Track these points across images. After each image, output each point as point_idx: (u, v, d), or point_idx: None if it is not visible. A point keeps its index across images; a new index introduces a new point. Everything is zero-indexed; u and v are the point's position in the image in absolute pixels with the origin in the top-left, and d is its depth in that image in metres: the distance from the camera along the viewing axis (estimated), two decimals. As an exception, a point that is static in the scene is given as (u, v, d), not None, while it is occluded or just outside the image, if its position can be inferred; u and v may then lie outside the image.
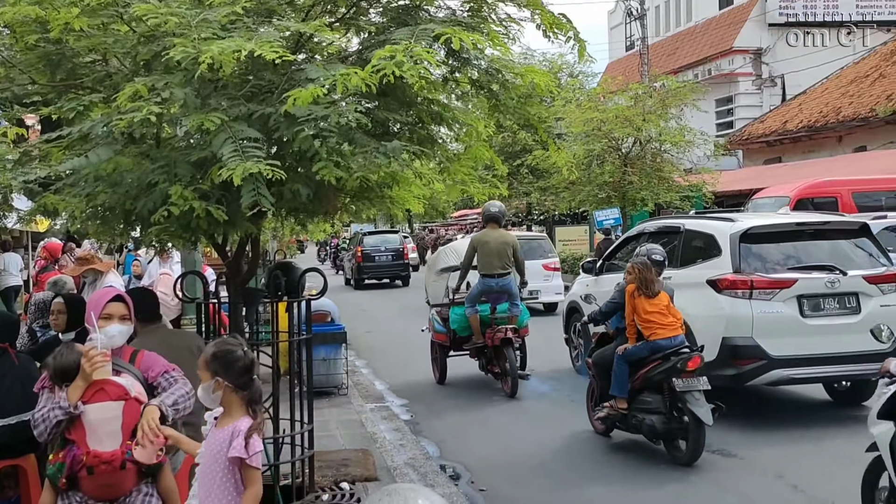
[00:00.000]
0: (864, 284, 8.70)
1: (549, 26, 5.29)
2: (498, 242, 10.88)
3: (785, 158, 31.75)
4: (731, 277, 8.65)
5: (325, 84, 4.39)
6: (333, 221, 6.58)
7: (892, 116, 26.86)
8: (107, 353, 3.86)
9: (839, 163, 25.96)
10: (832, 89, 31.76)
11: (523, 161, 26.36)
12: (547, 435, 8.82)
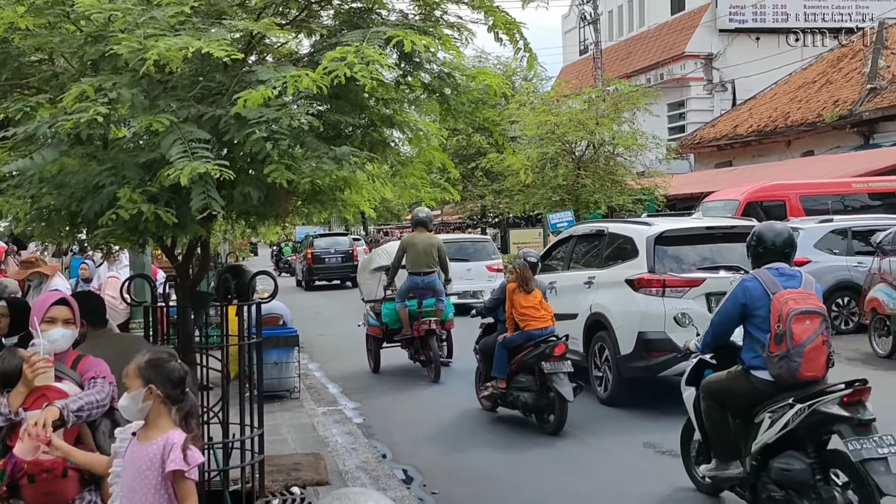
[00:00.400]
0: None
1: (502, 26, 5.29)
2: (425, 244, 12.04)
3: (735, 162, 32.25)
4: (646, 277, 9.38)
5: (276, 86, 4.36)
6: (285, 224, 6.53)
7: (839, 122, 27.42)
8: (49, 358, 3.79)
9: (788, 167, 26.44)
10: (781, 95, 32.33)
11: (478, 164, 26.45)
12: (502, 440, 8.85)
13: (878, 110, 26.34)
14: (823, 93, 29.79)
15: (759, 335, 5.73)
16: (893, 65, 28.69)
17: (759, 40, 37.70)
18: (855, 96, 27.65)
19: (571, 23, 46.74)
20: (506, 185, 25.65)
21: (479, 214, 35.49)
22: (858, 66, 29.71)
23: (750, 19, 37.60)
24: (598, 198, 23.05)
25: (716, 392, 6.07)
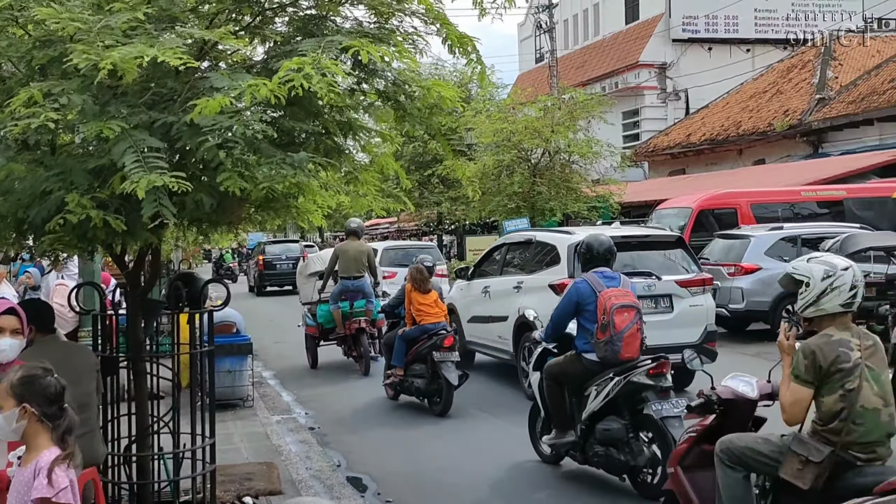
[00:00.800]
0: (676, 288, 10.37)
1: (455, 41, 5.31)
2: (355, 251, 13.16)
3: (689, 170, 32.67)
4: (566, 281, 9.88)
5: (234, 94, 4.33)
6: (237, 231, 6.48)
7: (789, 131, 27.93)
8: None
9: (740, 175, 26.86)
10: (733, 104, 32.83)
11: (434, 171, 26.46)
12: (457, 447, 8.85)
13: (827, 120, 26.87)
14: (774, 103, 30.31)
15: (588, 325, 7.02)
16: (841, 76, 29.28)
17: (712, 50, 38.26)
18: (804, 106, 28.17)
19: (527, 31, 47.03)
20: (462, 193, 25.69)
21: (435, 221, 35.50)
22: (808, 76, 30.28)
23: (702, 30, 38.14)
24: (554, 205, 23.16)
25: (555, 374, 7.28)
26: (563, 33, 44.21)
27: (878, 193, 18.00)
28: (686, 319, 10.31)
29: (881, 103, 25.07)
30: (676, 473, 5.13)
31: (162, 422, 5.95)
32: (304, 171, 4.70)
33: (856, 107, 26.01)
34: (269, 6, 5.32)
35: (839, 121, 26.56)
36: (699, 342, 10.04)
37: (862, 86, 26.89)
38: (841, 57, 30.65)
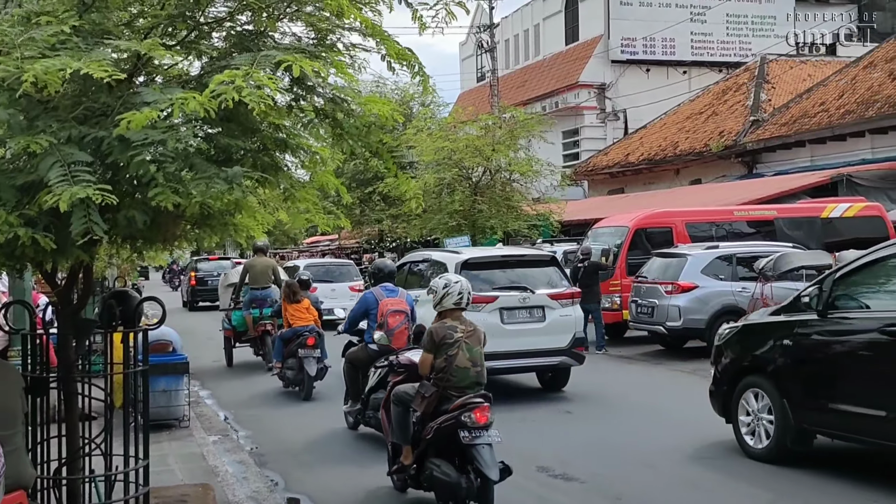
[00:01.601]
0: (548, 300, 11.63)
1: (394, 56, 5.31)
2: (263, 266, 15.63)
3: (628, 189, 33.13)
4: None
5: (162, 108, 4.27)
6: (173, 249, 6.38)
7: (724, 152, 28.51)
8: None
9: (677, 194, 27.30)
10: (670, 125, 33.41)
11: (375, 188, 26.42)
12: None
13: (761, 141, 27.50)
14: (710, 124, 30.92)
15: (372, 324, 9.48)
16: (774, 98, 30.01)
17: (650, 72, 38.98)
18: (739, 128, 28.80)
19: (469, 50, 47.40)
20: (403, 210, 25.69)
21: (376, 238, 35.42)
22: (742, 98, 30.98)
23: (640, 51, 38.84)
24: (495, 223, 23.29)
25: (351, 359, 9.90)
26: (505, 53, 44.65)
27: (807, 213, 18.44)
28: (557, 328, 11.58)
29: (812, 126, 25.74)
30: (382, 412, 7.65)
31: (93, 443, 5.81)
32: (239, 187, 4.64)
33: (788, 129, 26.66)
34: (205, 21, 5.27)
35: (772, 142, 27.20)
36: (568, 348, 11.62)
37: (794, 108, 27.59)
38: (773, 80, 31.42)
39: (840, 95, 26.16)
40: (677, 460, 8.43)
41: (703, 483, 7.74)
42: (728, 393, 8.52)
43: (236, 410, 11.93)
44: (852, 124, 24.38)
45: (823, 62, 33.89)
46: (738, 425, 8.39)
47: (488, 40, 36.02)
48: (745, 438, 8.29)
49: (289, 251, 49.17)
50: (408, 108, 30.96)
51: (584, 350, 12.25)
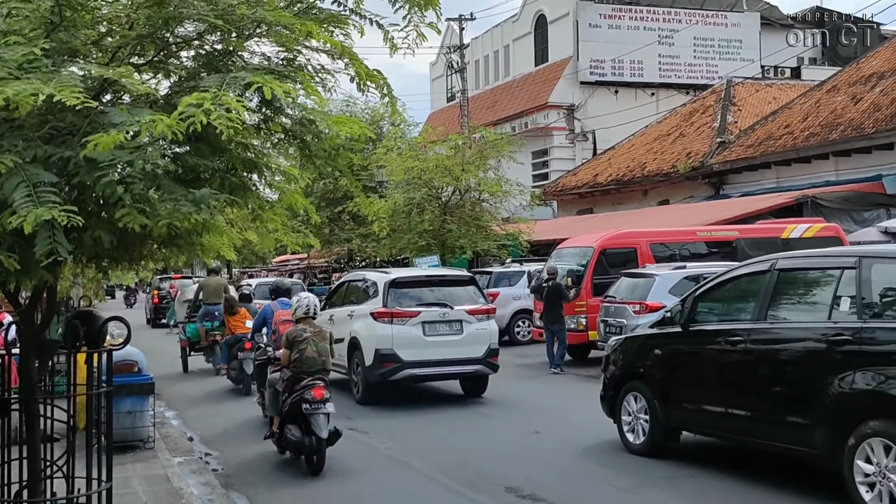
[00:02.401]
0: (466, 315, 13.07)
1: (363, 77, 5.33)
2: (215, 284, 17.85)
3: (596, 209, 33.33)
4: (381, 310, 12.92)
5: (129, 130, 4.25)
6: (138, 268, 6.33)
7: (692, 173, 28.78)
8: None
9: (644, 215, 27.50)
10: (638, 146, 33.70)
11: (345, 207, 26.37)
12: (354, 483, 8.76)
13: (727, 163, 27.81)
14: (677, 145, 31.23)
15: (268, 330, 11.47)
16: (740, 120, 30.39)
17: (618, 93, 39.36)
18: (706, 149, 29.11)
19: (439, 70, 47.60)
20: (372, 230, 25.65)
21: (346, 258, 35.34)
22: (709, 120, 31.33)
23: (609, 73, 39.22)
24: (464, 243, 23.34)
25: (258, 358, 11.89)
26: (475, 73, 44.89)
27: (768, 234, 18.64)
28: (473, 339, 13.05)
29: (777, 148, 26.09)
30: (261, 393, 11.06)
31: (55, 466, 5.73)
32: (207, 208, 4.63)
33: (754, 150, 27.00)
34: (174, 41, 5.26)
35: (739, 164, 27.52)
36: (483, 357, 13.06)
37: (759, 130, 27.95)
38: (740, 102, 31.83)
39: (804, 118, 26.55)
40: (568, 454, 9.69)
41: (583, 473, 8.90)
42: (614, 397, 9.68)
43: (203, 431, 11.81)
44: (816, 147, 24.74)
45: (788, 85, 34.39)
46: (620, 424, 9.56)
47: (458, 61, 36.22)
48: (626, 436, 9.45)
49: (257, 270, 48.89)
50: (378, 127, 30.99)
51: (497, 359, 13.49)
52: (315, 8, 5.32)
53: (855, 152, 23.85)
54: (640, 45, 38.31)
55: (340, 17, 5.24)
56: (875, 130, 23.02)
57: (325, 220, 28.64)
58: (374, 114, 32.13)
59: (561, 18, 39.97)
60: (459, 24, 36.29)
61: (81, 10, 4.82)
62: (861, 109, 24.39)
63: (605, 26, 39.27)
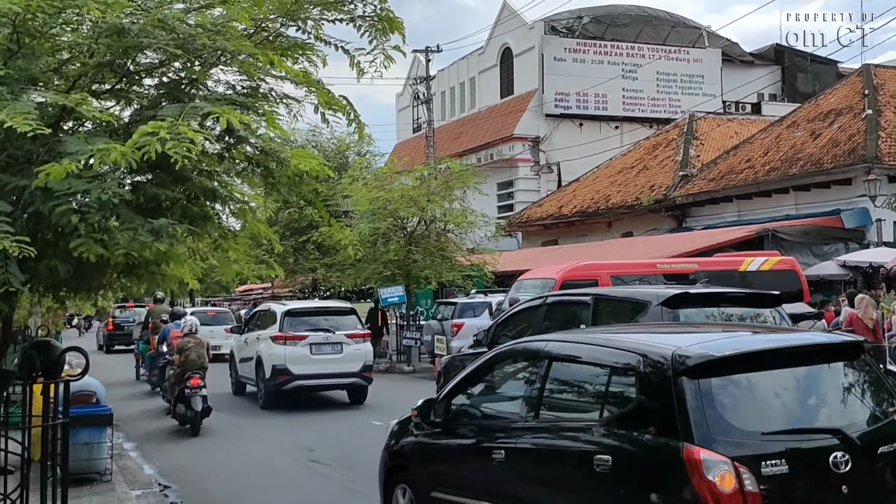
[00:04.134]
0: (345, 338, 16.30)
1: (325, 105, 5.34)
2: (160, 310, 20.41)
3: (561, 241, 33.51)
4: (279, 335, 16.08)
5: (82, 158, 4.22)
6: (97, 298, 6.25)
7: (655, 205, 29.08)
8: None
9: (609, 247, 27.68)
10: (602, 178, 34.00)
11: (310, 237, 26.30)
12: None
13: (690, 196, 28.15)
14: (641, 178, 31.56)
15: (169, 343, 15.18)
16: (703, 154, 30.81)
17: (583, 126, 39.76)
18: (669, 182, 29.45)
19: (405, 101, 47.80)
20: (337, 259, 25.59)
21: (310, 287, 35.16)
22: (672, 154, 31.73)
23: (574, 106, 39.63)
24: (429, 273, 23.31)
25: (161, 362, 15.87)
26: (441, 105, 45.14)
27: (726, 267, 18.79)
28: (351, 357, 16.17)
29: (738, 181, 26.46)
30: (164, 385, 15.65)
31: (9, 499, 5.60)
32: (166, 238, 4.60)
33: (716, 184, 27.36)
34: (135, 69, 5.24)
35: (701, 197, 27.86)
36: (359, 371, 16.12)
37: (721, 164, 28.35)
38: (702, 136, 32.28)
39: (765, 153, 26.97)
40: None
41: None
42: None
43: (162, 463, 11.62)
44: (777, 181, 25.14)
45: (749, 120, 34.96)
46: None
47: (424, 92, 36.40)
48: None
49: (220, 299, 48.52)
50: (343, 157, 31.01)
51: (371, 374, 16.56)
52: (280, 36, 5.33)
53: (814, 187, 24.26)
54: (604, 78, 38.78)
55: (304, 45, 5.25)
56: (833, 166, 23.46)
57: (289, 250, 28.51)
58: (339, 143, 32.16)
59: (526, 52, 40.39)
60: (426, 56, 36.53)
61: (41, 38, 4.79)
62: (820, 145, 24.85)
63: (570, 60, 39.72)
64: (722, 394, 4.70)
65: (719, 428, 4.52)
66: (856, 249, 22.02)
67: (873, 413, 5.10)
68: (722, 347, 4.97)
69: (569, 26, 41.26)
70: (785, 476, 4.46)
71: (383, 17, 5.15)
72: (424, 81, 36.38)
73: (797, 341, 5.59)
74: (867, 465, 4.71)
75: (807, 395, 5.10)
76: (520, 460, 5.56)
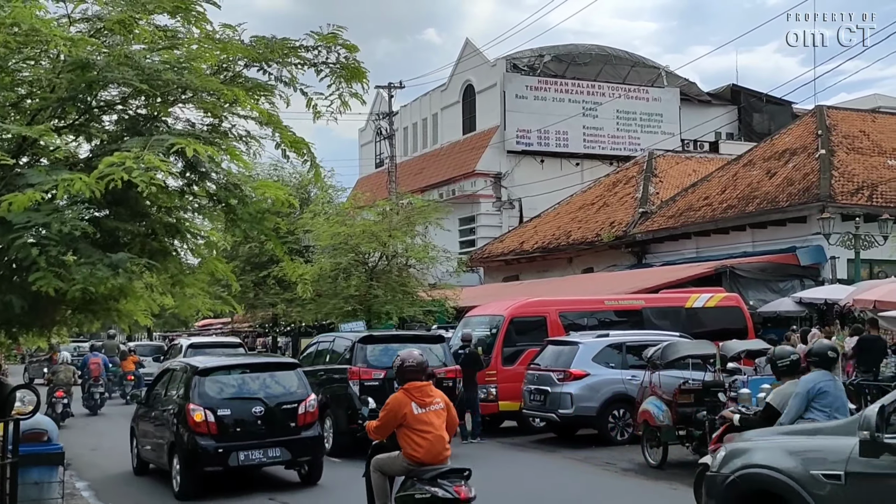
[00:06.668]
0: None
1: (289, 145, 5.35)
2: (111, 345, 26.49)
3: (522, 276, 33.61)
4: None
5: (46, 189, 4.18)
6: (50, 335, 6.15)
7: (615, 241, 29.34)
8: None
9: (569, 283, 27.81)
10: (563, 214, 34.26)
11: (270, 272, 26.13)
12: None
13: (649, 232, 28.45)
14: (601, 214, 31.85)
15: (89, 368, 22.74)
16: (662, 191, 31.19)
17: (544, 162, 40.12)
18: (629, 219, 29.75)
19: (368, 136, 47.94)
20: (298, 294, 25.42)
21: (270, 322, 34.87)
22: (632, 191, 32.08)
23: (535, 143, 40.00)
24: (390, 308, 23.23)
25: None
26: (403, 140, 45.33)
27: (672, 303, 18.98)
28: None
29: (697, 218, 26.81)
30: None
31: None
32: (125, 272, 4.55)
33: (675, 221, 27.69)
34: (97, 105, 5.21)
35: (660, 233, 28.17)
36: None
37: (680, 201, 28.71)
38: (661, 174, 32.69)
39: (723, 190, 27.38)
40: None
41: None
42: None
43: (115, 502, 11.38)
44: (734, 218, 25.50)
45: (707, 159, 35.48)
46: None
47: (387, 127, 36.54)
48: None
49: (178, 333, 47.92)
50: (306, 192, 30.94)
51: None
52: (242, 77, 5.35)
53: (770, 224, 24.65)
54: (565, 116, 39.22)
55: (266, 86, 5.27)
56: (789, 204, 23.87)
57: (249, 285, 28.28)
58: (302, 178, 32.09)
59: (488, 89, 40.75)
60: (389, 92, 36.71)
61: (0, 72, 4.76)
62: (775, 183, 25.28)
63: (532, 97, 40.14)
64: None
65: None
66: (811, 286, 22.35)
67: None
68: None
69: (530, 64, 41.74)
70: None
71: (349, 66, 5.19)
72: (387, 117, 36.54)
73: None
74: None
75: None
76: None
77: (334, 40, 5.15)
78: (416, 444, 6.83)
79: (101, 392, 22.48)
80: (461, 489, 6.74)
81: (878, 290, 18.92)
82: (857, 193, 23.67)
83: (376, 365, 13.57)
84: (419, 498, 6.74)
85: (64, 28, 4.79)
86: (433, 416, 6.95)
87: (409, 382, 7.03)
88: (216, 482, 11.18)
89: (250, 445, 10.83)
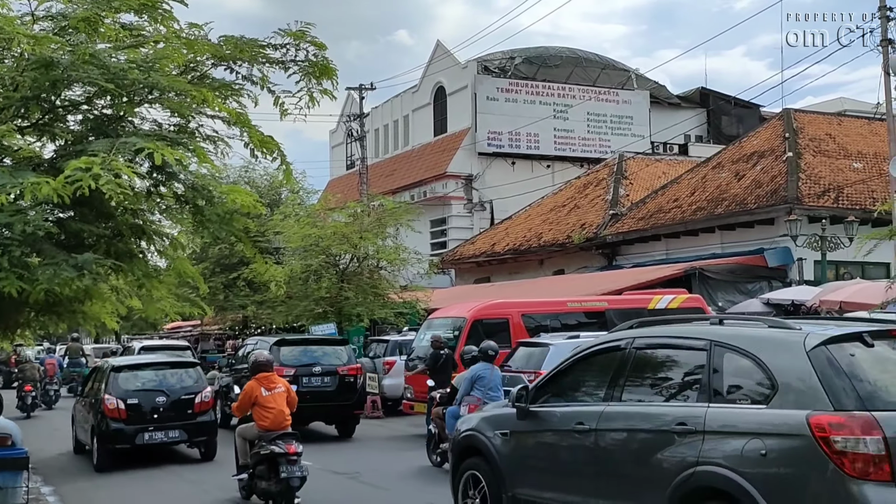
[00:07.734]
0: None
1: (257, 145, 5.31)
2: (75, 347, 28.28)
3: (494, 278, 33.66)
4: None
5: (12, 192, 4.11)
6: (13, 338, 6.06)
7: (586, 243, 29.45)
8: None
9: (539, 284, 27.89)
10: (534, 216, 34.34)
11: (240, 274, 25.97)
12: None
13: (620, 234, 28.58)
14: (572, 216, 31.96)
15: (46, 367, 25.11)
16: (632, 193, 31.36)
17: (515, 165, 40.18)
18: (599, 220, 29.87)
19: (339, 138, 47.79)
20: (268, 296, 25.27)
21: (240, 324, 34.65)
22: (602, 193, 32.22)
23: (506, 145, 40.07)
24: (361, 311, 23.17)
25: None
26: (374, 142, 45.22)
27: (635, 305, 19.03)
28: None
29: (666, 220, 26.98)
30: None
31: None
32: (90, 274, 4.49)
33: (645, 223, 27.84)
34: (61, 104, 5.14)
35: (630, 235, 28.31)
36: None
37: (650, 203, 28.87)
38: (631, 176, 32.86)
39: (692, 193, 27.57)
40: None
41: None
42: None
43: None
44: (703, 220, 25.70)
45: (676, 161, 35.72)
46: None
47: (358, 129, 36.45)
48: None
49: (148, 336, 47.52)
50: (277, 193, 30.79)
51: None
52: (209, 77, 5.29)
53: (739, 226, 24.86)
54: (535, 118, 39.32)
55: (234, 87, 5.22)
56: (757, 206, 24.08)
57: (219, 287, 28.08)
58: (272, 180, 31.92)
59: (459, 91, 40.77)
60: (359, 93, 36.62)
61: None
62: (744, 186, 25.50)
63: (503, 100, 40.20)
64: None
65: None
66: (779, 287, 22.57)
67: None
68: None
69: (501, 66, 41.82)
70: None
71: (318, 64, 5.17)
72: (358, 119, 36.45)
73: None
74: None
75: None
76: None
77: (303, 37, 5.13)
78: (264, 417, 9.37)
79: (55, 389, 25.46)
80: (291, 446, 9.15)
81: (844, 292, 19.15)
82: (824, 196, 23.94)
83: (289, 364, 15.85)
84: (264, 453, 9.28)
85: (27, 26, 4.73)
86: (277, 397, 9.43)
87: (259, 373, 9.31)
88: (133, 459, 13.50)
89: (154, 428, 13.39)
